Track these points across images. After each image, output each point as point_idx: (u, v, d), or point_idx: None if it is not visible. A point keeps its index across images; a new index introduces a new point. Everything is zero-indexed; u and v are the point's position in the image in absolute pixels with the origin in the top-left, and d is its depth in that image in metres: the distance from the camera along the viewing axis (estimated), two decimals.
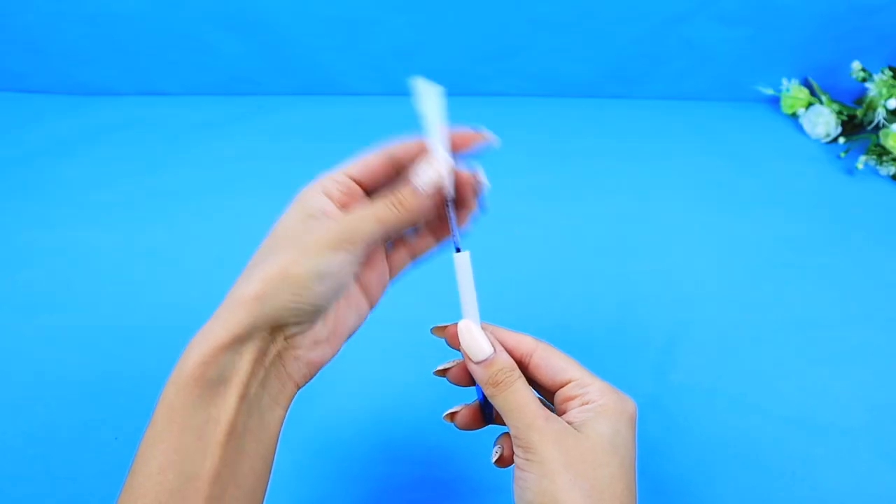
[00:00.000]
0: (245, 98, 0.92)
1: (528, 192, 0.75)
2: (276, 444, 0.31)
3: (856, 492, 0.49)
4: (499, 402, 0.31)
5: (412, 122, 0.34)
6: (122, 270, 0.66)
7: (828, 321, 0.63)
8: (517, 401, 0.30)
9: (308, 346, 0.31)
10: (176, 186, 0.76)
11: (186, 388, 0.27)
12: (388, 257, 0.36)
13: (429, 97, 0.32)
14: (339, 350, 0.34)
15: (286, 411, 0.31)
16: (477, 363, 0.32)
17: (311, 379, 0.32)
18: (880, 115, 0.82)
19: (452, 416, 0.36)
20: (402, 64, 0.90)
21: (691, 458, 0.51)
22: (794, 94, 0.90)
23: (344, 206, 0.32)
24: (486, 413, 0.36)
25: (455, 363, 0.35)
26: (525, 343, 0.34)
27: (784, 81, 0.92)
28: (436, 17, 0.85)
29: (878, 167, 0.81)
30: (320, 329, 0.32)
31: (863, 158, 0.81)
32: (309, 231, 0.29)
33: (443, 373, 0.36)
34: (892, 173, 0.80)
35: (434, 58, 0.90)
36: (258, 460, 0.30)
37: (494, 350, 0.32)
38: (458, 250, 0.32)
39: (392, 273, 0.36)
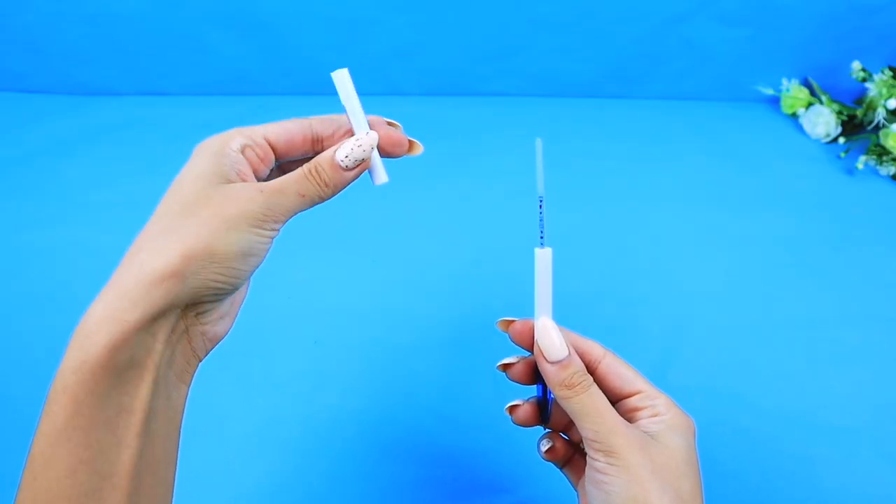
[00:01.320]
0: (245, 98, 0.92)
1: (528, 192, 0.75)
2: (182, 421, 0.30)
3: (856, 492, 0.49)
4: (573, 405, 0.30)
5: (412, 122, 0.34)
6: None
7: (828, 321, 0.63)
8: (595, 405, 0.30)
9: (214, 321, 0.30)
10: None
11: (93, 377, 0.24)
12: None
13: (343, 83, 0.31)
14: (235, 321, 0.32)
15: (189, 388, 0.30)
16: (552, 363, 0.31)
17: (209, 353, 0.31)
18: (880, 115, 0.82)
19: (513, 409, 0.35)
20: (402, 64, 0.90)
21: None
22: (794, 94, 0.90)
23: (256, 171, 0.30)
24: (543, 413, 0.35)
25: (520, 359, 0.35)
26: (595, 350, 0.33)
27: (784, 81, 0.92)
28: (436, 17, 0.85)
29: (878, 167, 0.81)
30: (227, 303, 0.30)
31: (863, 158, 0.81)
32: (229, 199, 0.27)
33: (506, 367, 0.35)
34: (892, 173, 0.80)
35: (434, 58, 0.90)
36: (169, 442, 0.28)
37: (569, 352, 0.31)
38: (541, 246, 0.32)
39: None
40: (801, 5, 0.84)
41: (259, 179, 0.31)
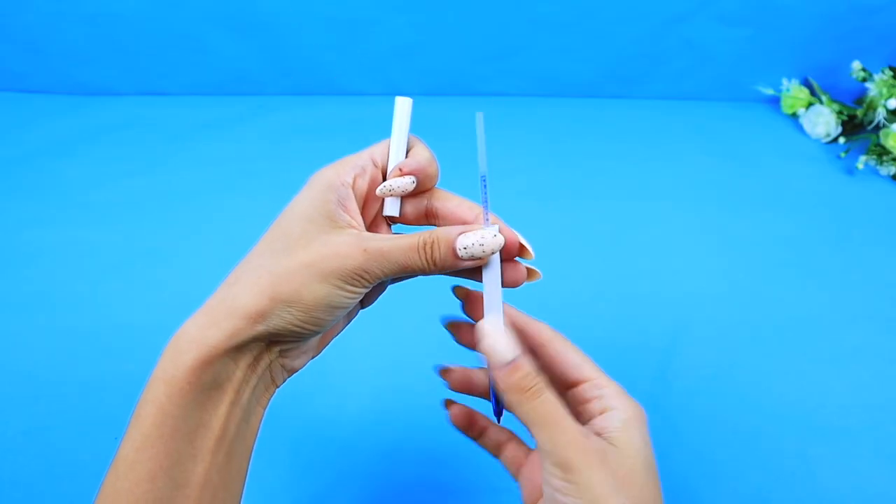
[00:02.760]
0: (245, 98, 0.92)
1: (528, 192, 0.75)
2: (255, 442, 0.31)
3: (856, 492, 0.49)
4: (524, 412, 0.27)
5: (413, 122, 0.34)
6: (122, 270, 0.66)
7: (828, 321, 0.63)
8: (550, 413, 0.27)
9: (296, 356, 0.31)
10: (176, 186, 0.76)
11: (181, 391, 0.26)
12: None
13: (402, 110, 0.31)
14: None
15: (265, 411, 0.32)
16: (499, 368, 0.28)
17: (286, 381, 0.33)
18: (880, 115, 0.82)
19: (446, 372, 0.35)
20: (402, 64, 0.90)
21: (692, 458, 0.51)
22: (794, 94, 0.90)
23: (367, 200, 0.31)
24: (496, 405, 0.33)
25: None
26: (543, 332, 0.32)
27: (784, 81, 0.92)
28: (436, 17, 0.85)
29: (878, 167, 0.81)
30: (312, 341, 0.32)
31: (863, 158, 0.81)
32: (329, 251, 0.28)
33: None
34: (892, 173, 0.80)
35: (434, 58, 0.90)
36: (243, 461, 0.30)
37: (518, 353, 0.28)
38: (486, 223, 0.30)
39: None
40: (801, 5, 0.84)
41: (368, 204, 0.32)
